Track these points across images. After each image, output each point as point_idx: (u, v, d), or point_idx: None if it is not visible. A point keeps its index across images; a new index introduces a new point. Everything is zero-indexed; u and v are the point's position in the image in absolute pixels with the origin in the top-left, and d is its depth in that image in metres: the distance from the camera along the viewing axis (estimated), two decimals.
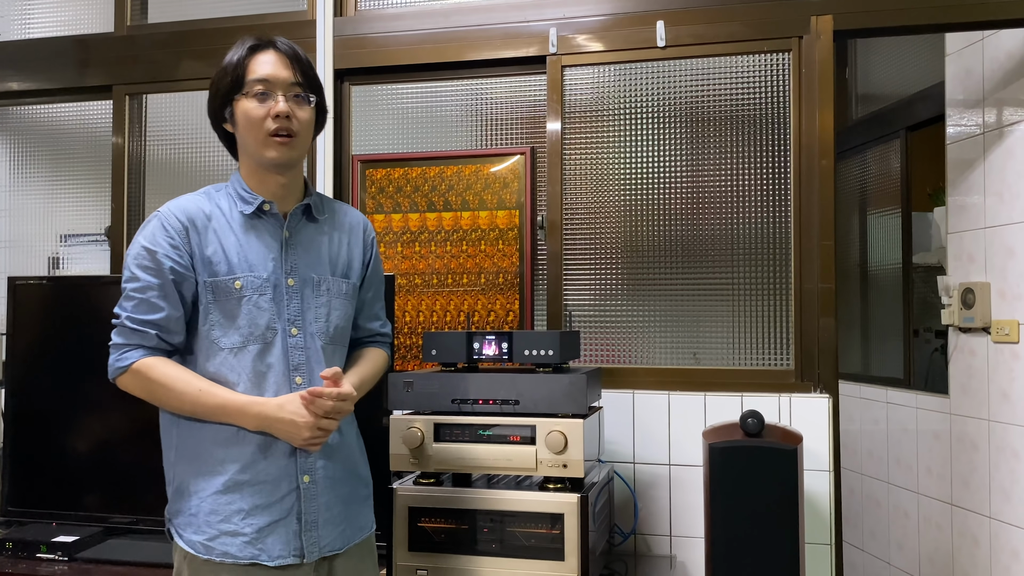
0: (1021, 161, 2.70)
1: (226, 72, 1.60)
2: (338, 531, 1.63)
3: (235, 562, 1.53)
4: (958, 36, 3.01)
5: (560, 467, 1.91)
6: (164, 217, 1.59)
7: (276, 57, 1.60)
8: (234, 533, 1.54)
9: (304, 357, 1.61)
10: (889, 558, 3.52)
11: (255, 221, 1.62)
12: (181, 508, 1.58)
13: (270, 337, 1.58)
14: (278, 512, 1.56)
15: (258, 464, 1.56)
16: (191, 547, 1.55)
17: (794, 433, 2.02)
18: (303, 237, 1.66)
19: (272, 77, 1.58)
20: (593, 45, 2.51)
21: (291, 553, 1.56)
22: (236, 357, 1.57)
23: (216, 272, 1.57)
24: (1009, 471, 2.74)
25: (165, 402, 1.56)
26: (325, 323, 1.65)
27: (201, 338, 1.58)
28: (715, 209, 2.47)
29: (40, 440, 2.39)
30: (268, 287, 1.59)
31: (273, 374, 1.58)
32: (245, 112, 1.58)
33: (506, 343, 2.06)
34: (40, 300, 2.46)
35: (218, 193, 1.66)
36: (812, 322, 2.34)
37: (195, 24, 2.85)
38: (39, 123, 3.13)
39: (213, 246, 1.58)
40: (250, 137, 1.59)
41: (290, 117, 1.58)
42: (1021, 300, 2.70)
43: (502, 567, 1.91)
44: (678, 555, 2.38)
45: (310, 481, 1.59)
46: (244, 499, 1.55)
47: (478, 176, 2.62)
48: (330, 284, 1.67)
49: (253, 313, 1.57)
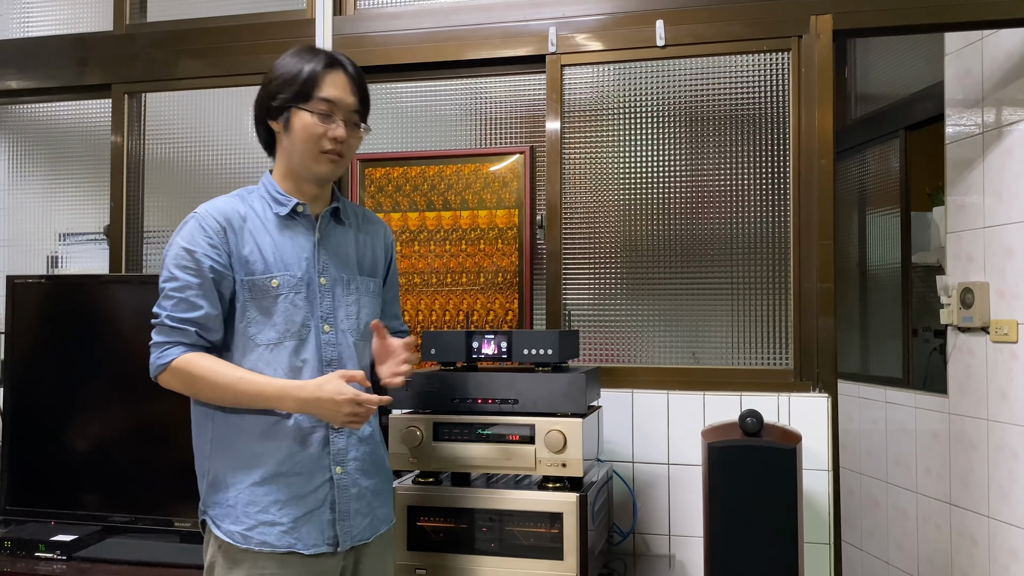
0: (1020, 161, 2.70)
1: (295, 79, 1.63)
2: (367, 521, 1.69)
3: (272, 551, 1.59)
4: (957, 36, 3.01)
5: (559, 466, 1.91)
6: (202, 218, 1.64)
7: (345, 80, 1.67)
8: (271, 523, 1.59)
9: (336, 353, 1.67)
10: (888, 557, 3.52)
11: (288, 222, 1.68)
12: (218, 499, 1.63)
13: (305, 334, 1.64)
14: (313, 502, 1.62)
15: (295, 456, 1.62)
16: (229, 537, 1.60)
17: (793, 432, 2.02)
18: (332, 239, 1.73)
19: (339, 100, 1.65)
20: (592, 44, 2.51)
21: (325, 542, 1.62)
22: (272, 353, 1.62)
23: (253, 271, 1.63)
24: (1008, 471, 2.74)
25: (206, 394, 1.60)
26: (356, 320, 1.72)
27: (238, 335, 1.64)
28: (714, 208, 2.47)
29: (39, 439, 2.39)
30: (302, 286, 1.65)
31: (308, 369, 1.64)
32: (305, 125, 1.63)
33: (505, 342, 2.06)
34: (39, 299, 2.46)
35: (250, 195, 1.71)
36: (811, 322, 2.34)
37: (194, 23, 2.85)
38: (38, 122, 3.12)
39: (249, 246, 1.64)
40: (302, 148, 1.65)
41: (344, 141, 1.66)
42: (1020, 300, 2.70)
43: (501, 566, 1.91)
44: (677, 554, 2.38)
45: (342, 472, 1.65)
46: (281, 490, 1.60)
47: (477, 175, 2.62)
48: (359, 283, 1.74)
49: (290, 311, 1.63)
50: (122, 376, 2.36)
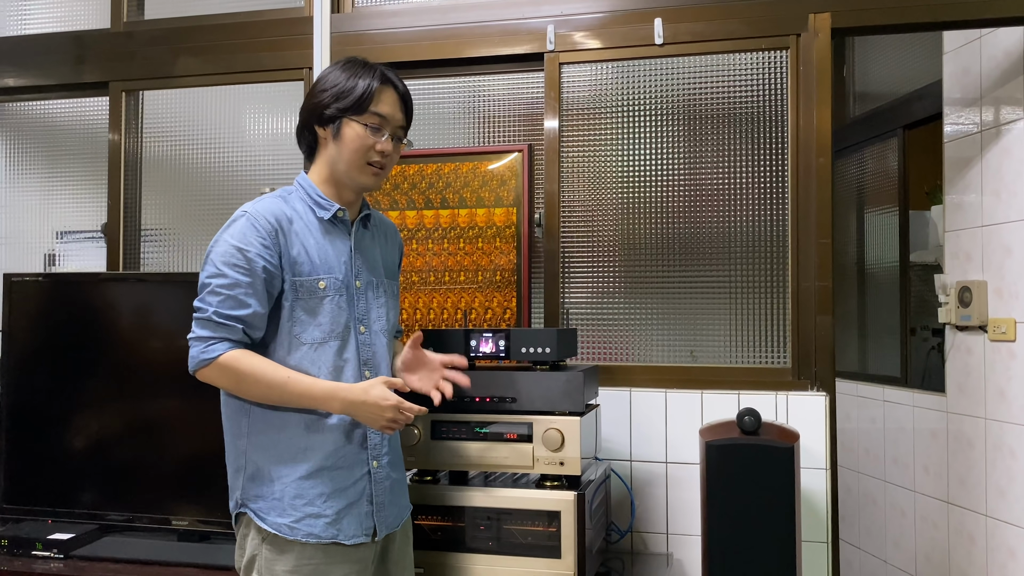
0: (1018, 160, 2.70)
1: (351, 91, 1.70)
2: (395, 511, 1.78)
3: (318, 541, 1.64)
4: (956, 34, 3.01)
5: (557, 465, 1.91)
6: (254, 218, 1.66)
7: (396, 97, 1.75)
8: (317, 515, 1.65)
9: (371, 352, 1.75)
10: (886, 556, 3.53)
11: (329, 227, 1.74)
12: (262, 493, 1.67)
13: (347, 335, 1.71)
14: (353, 495, 1.69)
15: (339, 451, 1.68)
16: (276, 529, 1.65)
17: (791, 431, 2.02)
18: (363, 243, 1.80)
19: (390, 116, 1.73)
20: (591, 42, 2.51)
21: (363, 532, 1.69)
22: (316, 351, 1.67)
23: (300, 272, 1.68)
24: (1005, 469, 2.74)
25: (252, 392, 1.64)
26: (386, 321, 1.80)
27: (283, 333, 1.68)
28: (713, 207, 2.47)
29: (36, 437, 2.39)
30: (344, 288, 1.72)
31: (349, 367, 1.70)
32: (356, 136, 1.70)
33: (503, 341, 2.06)
34: (36, 297, 2.45)
35: (291, 197, 1.75)
36: (809, 320, 2.34)
37: (192, 20, 2.84)
38: (35, 119, 3.12)
39: (297, 247, 1.68)
40: (349, 157, 1.71)
41: (389, 155, 1.74)
42: (1018, 298, 2.70)
43: (499, 565, 1.91)
44: (675, 553, 2.38)
45: (378, 466, 1.73)
46: (325, 483, 1.66)
47: (475, 173, 2.61)
48: (386, 286, 1.83)
49: (335, 312, 1.69)
50: (119, 374, 2.35)
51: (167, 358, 2.33)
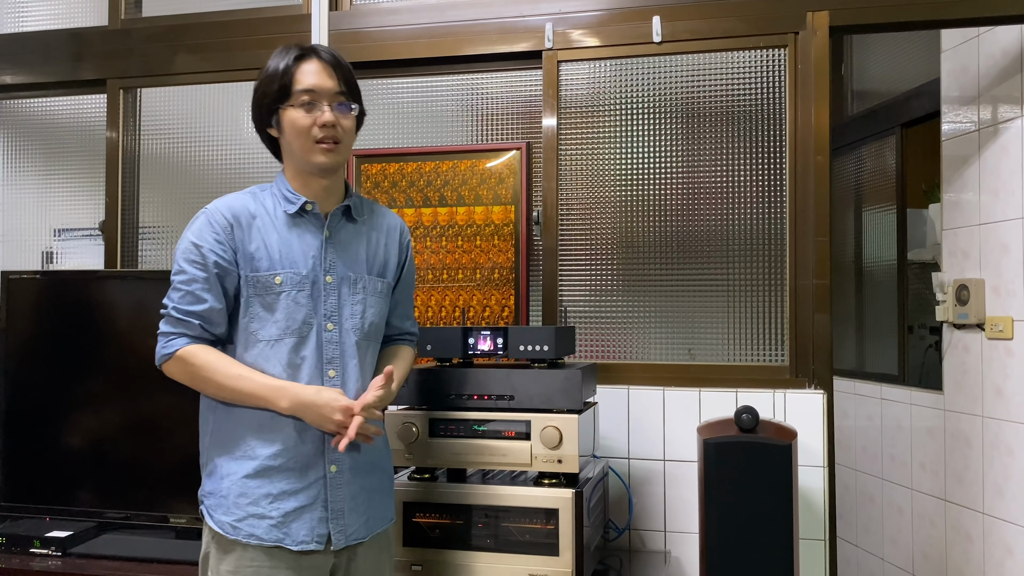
0: (1016, 158, 2.71)
1: (272, 80, 1.67)
2: (362, 520, 1.70)
3: (260, 544, 1.60)
4: (954, 33, 3.01)
5: (555, 462, 1.91)
6: (211, 214, 1.67)
7: (320, 66, 1.67)
8: (261, 516, 1.61)
9: (338, 351, 1.69)
10: (883, 554, 3.53)
11: (298, 220, 1.71)
12: (212, 490, 1.66)
13: (305, 331, 1.66)
14: (305, 498, 1.63)
15: (289, 451, 1.64)
16: (220, 527, 1.62)
17: (788, 429, 2.02)
18: (342, 236, 1.74)
19: (318, 87, 1.66)
20: (589, 40, 2.51)
21: (314, 539, 1.63)
22: (272, 348, 1.65)
23: (258, 268, 1.66)
24: (1003, 467, 2.75)
25: (206, 387, 1.64)
26: (360, 319, 1.72)
27: (240, 330, 1.67)
28: (710, 205, 2.47)
29: (34, 435, 2.39)
30: (307, 283, 1.67)
31: (307, 366, 1.66)
32: (292, 121, 1.66)
33: (501, 338, 2.06)
34: (34, 294, 2.45)
35: (263, 193, 1.74)
36: (807, 318, 2.35)
37: (190, 18, 2.84)
38: (33, 117, 3.11)
39: (256, 243, 1.67)
40: (297, 144, 1.68)
41: (335, 126, 1.67)
42: (1015, 296, 2.70)
43: (497, 562, 1.91)
44: (672, 550, 2.38)
45: (337, 470, 1.66)
46: (273, 484, 1.62)
47: (474, 171, 2.61)
48: (366, 282, 1.75)
49: (291, 308, 1.65)
50: (117, 372, 2.35)
51: None
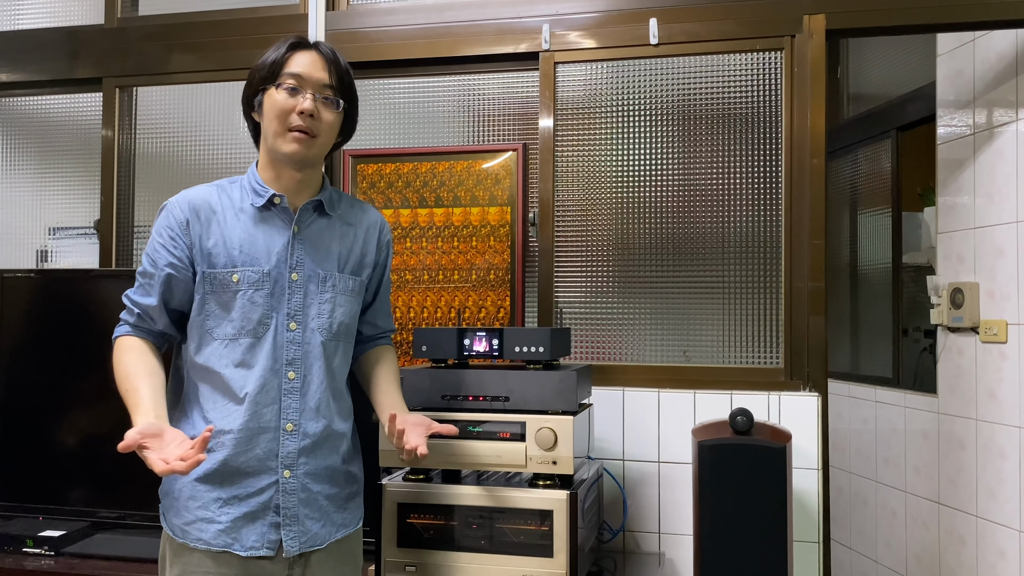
0: (1011, 162, 2.72)
1: (264, 64, 1.63)
2: (319, 526, 1.65)
3: (208, 548, 1.57)
4: (949, 37, 3.02)
5: (550, 464, 1.91)
6: (170, 208, 1.65)
7: (315, 57, 1.64)
8: (209, 520, 1.58)
9: (301, 352, 1.63)
10: (876, 556, 3.54)
11: (265, 214, 1.65)
12: (167, 490, 1.64)
13: (262, 332, 1.61)
14: (255, 504, 1.59)
15: (240, 456, 1.59)
16: (171, 530, 1.62)
17: (783, 431, 2.02)
18: (312, 232, 1.68)
19: (306, 74, 1.61)
20: (586, 42, 2.51)
21: (264, 545, 1.59)
22: (226, 348, 1.60)
23: (214, 264, 1.61)
24: (996, 470, 2.76)
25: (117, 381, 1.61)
26: (328, 319, 1.67)
27: (195, 327, 1.63)
28: (706, 207, 2.48)
29: (27, 434, 2.38)
30: (268, 281, 1.62)
31: (260, 368, 1.60)
32: (272, 102, 1.61)
33: (497, 340, 2.05)
34: (28, 293, 2.44)
35: (232, 185, 1.69)
36: (802, 321, 2.35)
37: (186, 17, 2.83)
38: (28, 115, 3.10)
39: (215, 238, 1.62)
40: (271, 128, 1.62)
41: (314, 116, 1.61)
42: (1009, 300, 2.71)
43: (491, 563, 1.91)
44: (667, 552, 2.38)
45: (291, 476, 1.61)
46: (223, 488, 1.58)
47: (470, 172, 2.61)
48: (336, 280, 1.69)
49: (247, 307, 1.60)
50: (111, 371, 2.34)
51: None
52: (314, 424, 1.64)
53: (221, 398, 1.60)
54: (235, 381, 1.59)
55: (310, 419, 1.63)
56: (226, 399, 1.60)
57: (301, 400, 1.62)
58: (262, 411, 1.60)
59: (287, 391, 1.62)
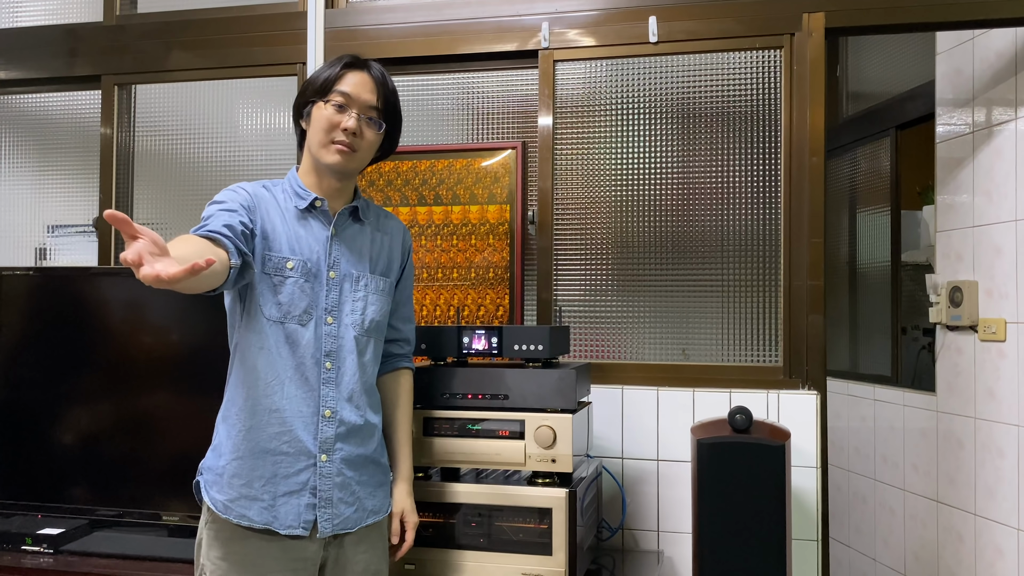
0: (1009, 161, 2.72)
1: (318, 78, 1.75)
2: (351, 510, 1.71)
3: (250, 525, 1.63)
4: (949, 35, 3.02)
5: (549, 462, 1.91)
6: (233, 188, 1.70)
7: (365, 79, 1.75)
8: (253, 498, 1.64)
9: (336, 345, 1.72)
10: (875, 554, 3.54)
11: (306, 215, 1.75)
12: (212, 465, 1.69)
13: (306, 320, 1.69)
14: (295, 484, 1.65)
15: (283, 436, 1.66)
16: (212, 504, 1.66)
17: (782, 429, 2.02)
18: (347, 235, 1.78)
19: (355, 94, 1.72)
20: (585, 40, 2.51)
21: (301, 525, 1.65)
22: (271, 328, 1.67)
23: (271, 247, 1.68)
24: (994, 468, 2.76)
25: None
26: (361, 316, 1.76)
27: (243, 302, 1.69)
28: (705, 205, 2.48)
29: (26, 432, 2.38)
30: (312, 275, 1.71)
31: (302, 352, 1.68)
32: (320, 115, 1.72)
33: (496, 338, 2.06)
34: (27, 291, 2.44)
35: (275, 187, 1.78)
36: (801, 319, 2.35)
37: (185, 14, 2.83)
38: (27, 113, 3.10)
39: (271, 225, 1.70)
40: (316, 138, 1.72)
41: (357, 134, 1.72)
42: (1008, 299, 2.71)
43: (490, 561, 1.91)
44: (666, 550, 2.38)
45: (327, 460, 1.68)
46: (267, 467, 1.65)
47: (469, 170, 2.61)
48: (368, 280, 1.78)
49: (296, 294, 1.68)
50: (110, 369, 2.34)
51: (158, 353, 2.33)
52: (348, 413, 1.71)
53: (262, 379, 1.66)
54: (276, 363, 1.66)
55: (345, 408, 1.71)
56: (268, 380, 1.66)
57: (336, 390, 1.70)
58: (303, 395, 1.67)
59: (325, 380, 1.70)
